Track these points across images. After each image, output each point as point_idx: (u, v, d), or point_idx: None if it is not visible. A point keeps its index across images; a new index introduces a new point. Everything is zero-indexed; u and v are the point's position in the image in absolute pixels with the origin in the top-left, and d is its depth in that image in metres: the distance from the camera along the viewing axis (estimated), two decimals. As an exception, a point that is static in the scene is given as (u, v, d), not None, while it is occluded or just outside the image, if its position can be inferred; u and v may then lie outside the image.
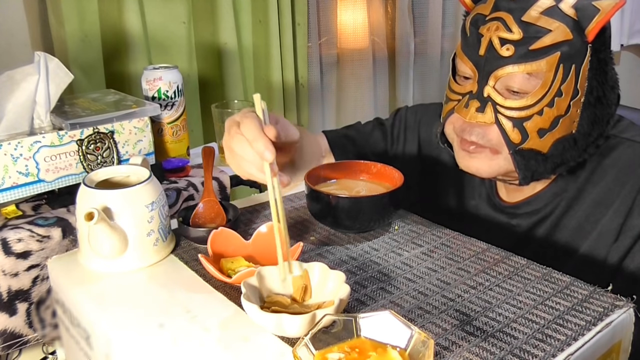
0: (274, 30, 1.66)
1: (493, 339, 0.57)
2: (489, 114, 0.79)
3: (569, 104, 0.78)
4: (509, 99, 0.78)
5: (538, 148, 0.79)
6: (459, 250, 0.74)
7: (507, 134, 0.79)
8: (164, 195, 0.74)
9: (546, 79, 0.76)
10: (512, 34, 0.76)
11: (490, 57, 0.78)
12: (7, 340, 0.88)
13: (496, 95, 0.78)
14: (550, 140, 0.79)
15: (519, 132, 0.78)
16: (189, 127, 1.35)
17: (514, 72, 0.77)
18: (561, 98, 0.77)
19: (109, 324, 0.62)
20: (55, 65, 0.95)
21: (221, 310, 0.63)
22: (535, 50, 0.76)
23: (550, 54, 0.75)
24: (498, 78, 0.78)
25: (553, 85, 0.76)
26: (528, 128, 0.78)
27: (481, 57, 0.79)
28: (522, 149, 0.79)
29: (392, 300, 0.64)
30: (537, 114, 0.77)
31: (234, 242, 0.72)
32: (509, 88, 0.78)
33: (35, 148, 0.92)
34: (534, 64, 0.76)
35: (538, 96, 0.77)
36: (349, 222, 0.76)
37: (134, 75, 1.44)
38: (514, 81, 0.77)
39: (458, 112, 0.82)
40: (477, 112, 0.79)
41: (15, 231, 0.87)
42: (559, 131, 0.78)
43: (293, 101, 1.77)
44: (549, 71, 0.76)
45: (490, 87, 0.79)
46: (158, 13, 1.46)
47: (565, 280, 0.66)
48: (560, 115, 0.78)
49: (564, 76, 0.76)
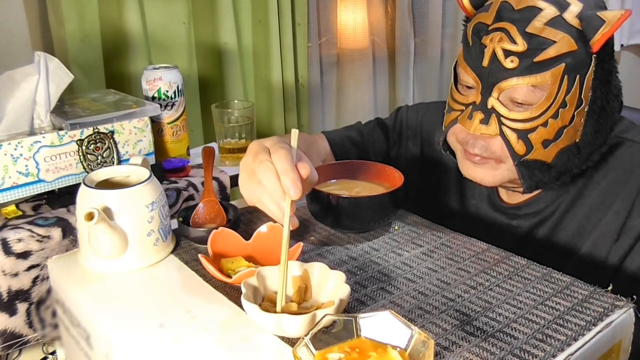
0: (274, 30, 1.66)
1: (493, 339, 0.57)
2: (493, 126, 0.78)
3: (573, 114, 0.77)
4: (513, 110, 0.77)
5: (542, 158, 0.79)
6: (459, 250, 0.74)
7: (512, 146, 0.78)
8: (164, 195, 0.74)
9: (551, 91, 0.75)
10: (517, 46, 0.75)
11: (494, 69, 0.77)
12: (7, 340, 0.88)
13: (500, 107, 0.78)
14: (555, 150, 0.78)
15: (523, 143, 0.78)
16: (189, 127, 1.35)
17: (519, 84, 0.76)
18: (565, 109, 0.76)
19: (109, 324, 0.62)
20: (55, 65, 0.95)
21: (221, 310, 0.63)
22: (540, 62, 0.75)
23: (555, 66, 0.75)
24: (502, 90, 0.77)
25: (558, 96, 0.76)
26: (533, 139, 0.77)
27: (485, 69, 0.78)
28: (526, 160, 0.79)
29: (392, 300, 0.64)
30: (542, 125, 0.77)
31: (234, 242, 0.72)
32: (513, 100, 0.77)
33: (35, 148, 0.92)
34: (538, 76, 0.75)
35: (543, 108, 0.76)
36: (349, 222, 0.76)
37: (134, 75, 1.44)
38: (519, 93, 0.76)
39: (462, 124, 0.82)
40: (482, 124, 0.79)
41: (15, 231, 0.87)
42: (563, 141, 0.78)
43: (293, 101, 1.77)
44: (553, 83, 0.75)
45: (494, 99, 0.78)
46: (158, 13, 1.46)
47: (565, 281, 0.66)
48: (564, 125, 0.77)
49: (569, 87, 0.76)
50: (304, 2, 1.74)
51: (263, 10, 1.64)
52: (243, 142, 1.22)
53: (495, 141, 0.79)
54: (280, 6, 1.66)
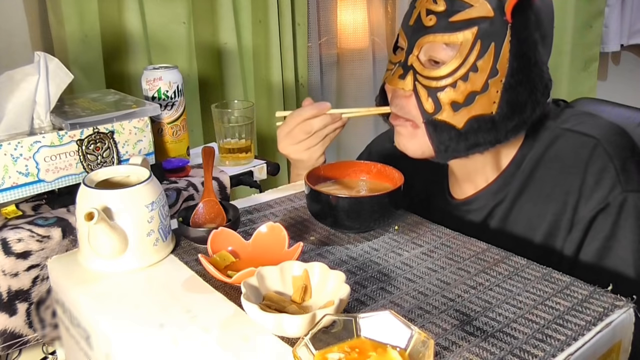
0: (274, 30, 1.66)
1: (493, 339, 0.57)
2: (408, 81, 0.82)
3: (487, 82, 0.79)
4: (427, 68, 0.81)
5: (452, 122, 0.81)
6: (459, 250, 0.74)
7: (422, 103, 0.81)
8: (164, 195, 0.74)
9: (461, 51, 0.79)
10: (437, 6, 0.80)
11: (416, 27, 0.82)
12: (7, 340, 0.88)
13: (418, 65, 0.82)
14: (465, 116, 0.80)
15: (432, 102, 0.81)
16: (189, 127, 1.35)
17: (434, 41, 0.80)
18: (476, 74, 0.79)
19: (109, 324, 0.62)
20: (55, 65, 0.95)
21: (221, 310, 0.63)
22: (455, 22, 0.79)
23: (468, 28, 0.78)
24: (421, 47, 0.82)
25: (468, 58, 0.79)
26: (441, 99, 0.80)
27: (410, 27, 0.83)
28: (435, 119, 0.81)
29: (392, 300, 0.64)
30: (451, 86, 0.79)
31: (234, 242, 0.72)
32: (430, 58, 0.81)
33: (35, 148, 0.92)
34: (452, 35, 0.79)
35: (452, 67, 0.79)
36: (349, 222, 0.76)
37: (134, 75, 1.44)
38: (434, 50, 0.80)
39: (387, 81, 0.87)
40: (400, 78, 0.83)
41: (15, 231, 0.87)
42: (476, 108, 0.80)
43: (293, 101, 1.77)
44: (464, 44, 0.79)
45: (414, 57, 0.82)
46: (158, 13, 1.46)
47: (565, 281, 0.66)
48: (475, 91, 0.79)
49: (481, 52, 0.79)
50: (304, 2, 1.74)
51: (263, 10, 1.65)
52: (243, 142, 1.22)
53: (409, 100, 0.83)
54: (280, 6, 1.66)
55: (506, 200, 0.88)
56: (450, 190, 0.97)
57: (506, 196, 0.88)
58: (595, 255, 0.80)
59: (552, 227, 0.83)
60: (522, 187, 0.87)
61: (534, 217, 0.85)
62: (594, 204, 0.80)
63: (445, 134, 0.81)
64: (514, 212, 0.87)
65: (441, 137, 0.82)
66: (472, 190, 0.92)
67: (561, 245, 0.83)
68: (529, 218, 0.86)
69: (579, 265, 0.81)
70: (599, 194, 0.80)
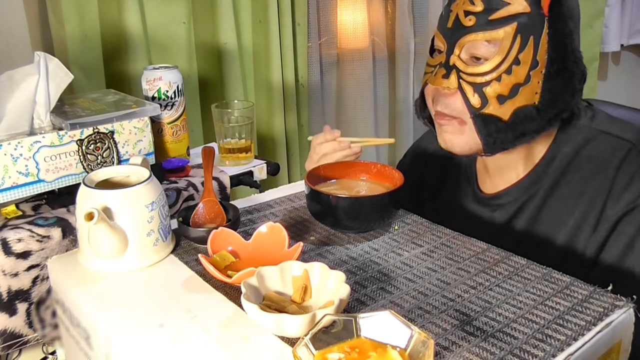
0: (274, 30, 1.66)
1: (493, 339, 0.57)
2: (452, 80, 0.85)
3: (528, 74, 0.82)
4: (470, 65, 0.84)
5: (498, 114, 0.83)
6: (459, 250, 0.74)
7: (468, 99, 0.84)
8: (164, 195, 0.74)
9: (503, 47, 0.82)
10: (475, 7, 0.83)
11: (455, 28, 0.85)
12: (7, 340, 0.88)
13: (460, 63, 0.84)
14: (511, 107, 0.83)
15: (479, 97, 0.83)
16: (189, 127, 1.35)
17: (475, 39, 0.83)
18: (519, 66, 0.82)
19: (109, 324, 0.62)
20: (55, 65, 0.95)
21: (221, 310, 0.63)
22: (494, 20, 0.82)
23: (508, 24, 0.81)
24: (462, 46, 0.84)
25: (510, 53, 0.82)
26: (487, 93, 0.83)
27: (449, 29, 0.86)
28: (482, 113, 0.84)
29: (392, 300, 0.64)
30: (496, 80, 0.82)
31: (234, 242, 0.72)
32: (472, 55, 0.84)
33: (35, 148, 0.92)
34: (493, 32, 0.82)
35: (496, 62, 0.82)
36: (349, 222, 0.76)
37: (134, 75, 1.44)
38: (475, 48, 0.83)
39: (429, 82, 0.89)
40: (443, 78, 0.85)
41: (15, 231, 0.87)
42: (520, 100, 0.83)
43: (293, 101, 1.77)
44: (506, 39, 0.81)
45: (456, 56, 0.85)
46: (158, 13, 1.46)
47: (565, 280, 0.66)
48: (519, 83, 0.82)
49: (522, 45, 0.82)
50: (304, 2, 1.74)
51: (263, 10, 1.65)
52: (243, 142, 1.22)
53: (455, 98, 0.85)
54: (280, 6, 1.66)
55: (537, 196, 0.89)
56: (479, 185, 0.98)
57: (537, 192, 0.89)
58: (618, 256, 0.81)
59: (578, 225, 0.85)
60: (554, 185, 0.88)
61: (563, 214, 0.86)
62: (622, 204, 0.82)
63: (492, 127, 0.84)
64: (544, 209, 0.88)
65: (489, 129, 0.84)
66: (503, 185, 0.93)
67: (584, 245, 0.84)
68: (558, 215, 0.87)
69: (598, 265, 0.82)
70: (629, 196, 0.82)
